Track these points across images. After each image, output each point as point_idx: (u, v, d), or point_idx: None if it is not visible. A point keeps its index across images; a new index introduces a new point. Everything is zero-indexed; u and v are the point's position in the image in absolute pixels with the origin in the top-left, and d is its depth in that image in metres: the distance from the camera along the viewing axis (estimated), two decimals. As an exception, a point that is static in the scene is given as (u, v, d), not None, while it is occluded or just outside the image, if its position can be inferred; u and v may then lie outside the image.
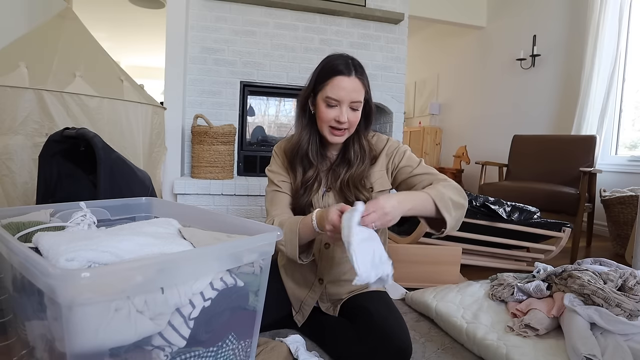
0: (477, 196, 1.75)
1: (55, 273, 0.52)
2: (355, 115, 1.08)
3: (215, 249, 0.74)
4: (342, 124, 1.06)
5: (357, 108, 1.08)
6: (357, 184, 1.11)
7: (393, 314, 1.06)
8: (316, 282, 1.17)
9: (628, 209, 2.39)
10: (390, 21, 3.18)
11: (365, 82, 1.09)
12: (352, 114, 1.07)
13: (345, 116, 1.05)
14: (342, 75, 1.05)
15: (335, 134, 1.09)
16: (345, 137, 1.11)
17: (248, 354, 0.80)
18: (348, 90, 1.05)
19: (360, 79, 1.07)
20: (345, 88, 1.04)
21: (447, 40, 5.11)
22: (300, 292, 1.19)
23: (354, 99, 1.06)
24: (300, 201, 1.14)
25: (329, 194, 1.16)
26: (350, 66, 1.06)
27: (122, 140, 1.81)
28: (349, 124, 1.07)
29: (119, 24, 5.46)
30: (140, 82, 2.17)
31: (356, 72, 1.07)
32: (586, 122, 3.06)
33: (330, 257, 1.16)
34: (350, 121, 1.07)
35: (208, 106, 2.78)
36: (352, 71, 1.06)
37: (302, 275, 1.19)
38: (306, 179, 1.14)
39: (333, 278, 1.17)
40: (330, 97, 1.05)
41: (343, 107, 1.05)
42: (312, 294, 1.18)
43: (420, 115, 5.72)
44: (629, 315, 1.07)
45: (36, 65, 1.64)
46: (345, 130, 1.09)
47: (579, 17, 3.28)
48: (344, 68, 1.05)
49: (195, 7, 2.71)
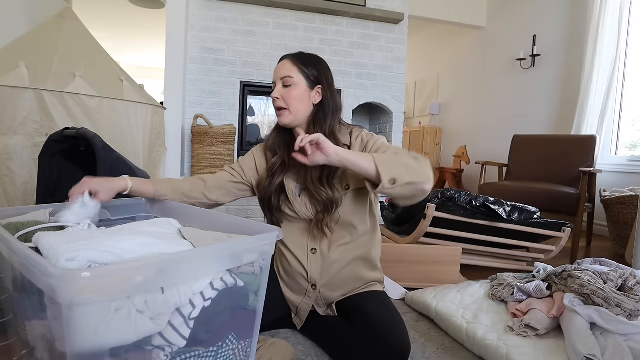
0: (477, 196, 1.75)
1: (56, 273, 0.52)
2: (287, 92, 1.12)
3: (215, 249, 0.74)
4: (275, 101, 1.13)
5: (289, 84, 1.12)
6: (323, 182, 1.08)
7: (390, 313, 1.05)
8: (309, 288, 1.15)
9: (628, 209, 2.39)
10: (390, 21, 3.18)
11: (299, 64, 1.13)
12: (283, 91, 1.12)
13: (277, 93, 1.13)
14: (278, 63, 1.17)
15: (277, 115, 1.15)
16: (289, 118, 1.13)
17: (248, 354, 0.80)
18: (277, 71, 1.14)
19: (290, 60, 1.14)
20: (276, 69, 1.15)
21: (447, 40, 5.11)
22: (296, 298, 1.18)
23: (282, 75, 1.12)
24: (266, 189, 1.16)
25: (306, 193, 1.13)
26: (286, 54, 1.17)
27: (122, 140, 1.81)
28: (282, 101, 1.12)
29: (119, 24, 5.46)
30: (140, 82, 2.17)
31: (289, 56, 1.15)
32: (586, 122, 3.06)
33: (318, 262, 1.14)
34: (283, 97, 1.12)
35: (208, 106, 2.78)
36: (285, 57, 1.16)
37: (295, 282, 1.17)
38: (272, 165, 1.18)
39: (326, 282, 1.14)
40: (272, 82, 1.17)
41: (277, 85, 1.14)
42: (307, 299, 1.16)
43: (420, 115, 5.72)
44: (629, 315, 1.07)
45: (36, 65, 1.64)
46: (284, 110, 1.12)
47: (579, 17, 3.28)
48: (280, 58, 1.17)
49: (195, 7, 2.71)
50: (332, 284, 1.15)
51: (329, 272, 1.14)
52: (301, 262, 1.14)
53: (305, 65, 1.13)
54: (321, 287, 1.15)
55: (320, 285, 1.15)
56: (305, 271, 1.14)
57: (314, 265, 1.14)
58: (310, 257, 1.14)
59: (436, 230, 1.73)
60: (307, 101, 1.13)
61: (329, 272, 1.14)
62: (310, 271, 1.14)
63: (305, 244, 1.14)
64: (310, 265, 1.14)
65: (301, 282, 1.16)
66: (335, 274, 1.14)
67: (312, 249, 1.14)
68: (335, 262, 1.13)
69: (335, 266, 1.14)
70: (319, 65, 1.15)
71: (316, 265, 1.14)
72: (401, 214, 1.93)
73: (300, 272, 1.15)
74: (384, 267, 1.37)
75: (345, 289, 1.17)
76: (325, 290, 1.15)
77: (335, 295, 1.16)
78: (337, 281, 1.15)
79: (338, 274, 1.15)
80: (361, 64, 3.25)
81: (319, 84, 1.14)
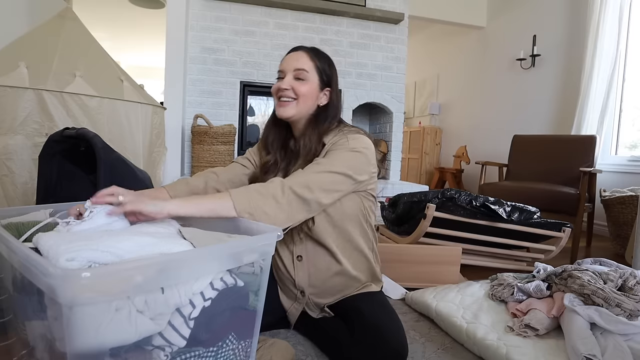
0: (477, 196, 1.75)
1: (56, 273, 0.52)
2: (301, 85, 1.06)
3: (215, 249, 0.74)
4: (283, 91, 1.06)
5: (303, 78, 1.07)
6: None
7: (387, 314, 1.04)
8: (299, 295, 1.13)
9: (628, 209, 2.39)
10: (390, 21, 3.18)
11: (316, 61, 1.09)
12: (296, 83, 1.07)
13: (287, 83, 1.06)
14: (290, 52, 1.12)
15: (279, 105, 1.08)
16: (292, 111, 1.07)
17: (248, 354, 0.80)
18: (290, 61, 1.08)
19: (308, 53, 1.10)
20: (289, 59, 1.10)
21: (447, 40, 5.11)
22: (287, 302, 1.17)
23: (296, 67, 1.07)
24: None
25: None
26: (302, 46, 1.13)
27: (122, 140, 1.80)
28: (293, 92, 1.06)
29: (119, 24, 5.46)
30: (140, 82, 2.17)
31: (306, 49, 1.11)
32: (586, 122, 3.06)
33: (305, 269, 1.11)
34: (295, 89, 1.06)
35: (208, 106, 2.78)
36: (301, 48, 1.11)
37: (286, 286, 1.16)
38: (264, 163, 1.15)
39: (315, 290, 1.12)
40: (279, 71, 1.10)
41: (287, 76, 1.07)
42: (297, 304, 1.15)
43: (420, 115, 5.72)
44: (629, 315, 1.07)
45: (36, 65, 1.64)
46: (292, 102, 1.07)
47: (579, 17, 3.28)
48: (294, 48, 1.13)
49: (195, 7, 2.71)
50: (321, 290, 1.13)
51: (317, 279, 1.11)
52: (287, 269, 1.12)
53: (321, 63, 1.10)
54: (310, 294, 1.13)
55: (309, 292, 1.13)
56: (292, 278, 1.12)
57: (300, 272, 1.11)
58: (296, 265, 1.11)
59: (436, 230, 1.73)
60: (314, 100, 1.10)
61: (316, 279, 1.11)
62: (297, 278, 1.11)
63: (292, 251, 1.12)
64: (297, 272, 1.11)
65: (291, 288, 1.14)
66: (324, 280, 1.12)
67: (297, 256, 1.11)
68: (323, 269, 1.11)
69: (323, 274, 1.11)
70: (332, 68, 1.13)
71: (303, 273, 1.11)
72: (401, 214, 1.93)
73: (288, 278, 1.13)
74: (384, 267, 1.37)
75: (336, 296, 1.14)
76: (314, 297, 1.13)
77: (325, 301, 1.14)
78: (326, 288, 1.12)
79: (326, 281, 1.12)
80: (361, 64, 3.25)
81: (329, 86, 1.11)
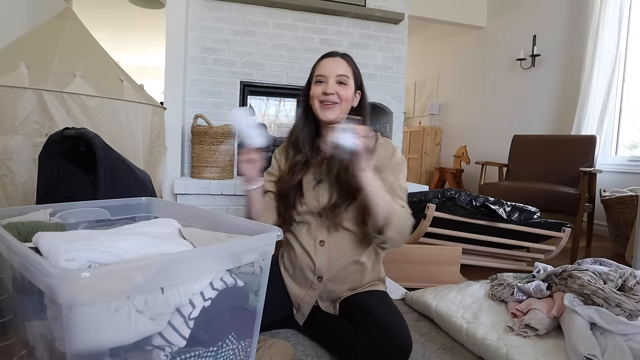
0: (477, 196, 1.75)
1: (56, 273, 0.52)
2: (344, 90, 1.15)
3: (215, 249, 0.74)
4: (329, 95, 1.13)
5: (345, 82, 1.15)
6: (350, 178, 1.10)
7: (393, 312, 1.07)
8: (315, 281, 1.18)
9: (628, 209, 2.39)
10: (390, 21, 3.18)
11: (352, 67, 1.19)
12: (339, 88, 1.15)
13: (332, 88, 1.13)
14: (328, 57, 1.19)
15: (324, 108, 1.15)
16: (337, 113, 1.14)
17: (248, 354, 0.80)
18: (332, 67, 1.16)
19: (345, 60, 1.18)
20: (329, 64, 1.17)
21: (447, 40, 5.11)
22: (300, 291, 1.20)
23: (339, 73, 1.15)
24: (285, 185, 1.18)
25: (321, 186, 1.17)
26: (336, 52, 1.20)
27: (122, 140, 1.80)
28: (337, 97, 1.14)
29: (119, 24, 5.46)
30: (140, 82, 2.17)
31: (341, 55, 1.19)
32: (586, 122, 3.06)
33: (326, 254, 1.16)
34: (339, 94, 1.14)
35: (208, 106, 2.78)
36: (338, 54, 1.19)
37: (302, 274, 1.19)
38: (294, 162, 1.20)
39: (332, 275, 1.17)
40: (318, 75, 1.17)
41: (330, 81, 1.15)
42: (312, 292, 1.18)
43: (420, 115, 5.72)
44: (629, 315, 1.07)
45: (36, 65, 1.64)
46: (336, 105, 1.14)
47: (579, 17, 3.28)
48: (329, 53, 1.21)
49: (195, 7, 2.70)
50: (338, 277, 1.17)
51: (336, 265, 1.16)
52: (309, 253, 1.16)
53: (355, 69, 1.20)
54: (327, 279, 1.17)
55: (326, 277, 1.17)
56: (313, 263, 1.16)
57: (321, 257, 1.16)
58: (318, 249, 1.16)
59: (436, 230, 1.73)
60: (351, 102, 1.19)
61: (335, 265, 1.16)
62: (318, 263, 1.16)
63: (314, 236, 1.17)
64: (317, 256, 1.16)
65: (307, 274, 1.18)
66: (342, 267, 1.16)
67: (320, 241, 1.16)
68: (342, 255, 1.16)
69: (342, 260, 1.16)
70: (360, 72, 1.22)
71: (323, 257, 1.16)
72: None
73: (307, 263, 1.17)
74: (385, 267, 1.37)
75: (350, 285, 1.18)
76: (330, 284, 1.17)
77: (339, 289, 1.18)
78: (343, 275, 1.17)
79: (345, 268, 1.17)
80: (361, 64, 3.21)
81: (360, 89, 1.21)
